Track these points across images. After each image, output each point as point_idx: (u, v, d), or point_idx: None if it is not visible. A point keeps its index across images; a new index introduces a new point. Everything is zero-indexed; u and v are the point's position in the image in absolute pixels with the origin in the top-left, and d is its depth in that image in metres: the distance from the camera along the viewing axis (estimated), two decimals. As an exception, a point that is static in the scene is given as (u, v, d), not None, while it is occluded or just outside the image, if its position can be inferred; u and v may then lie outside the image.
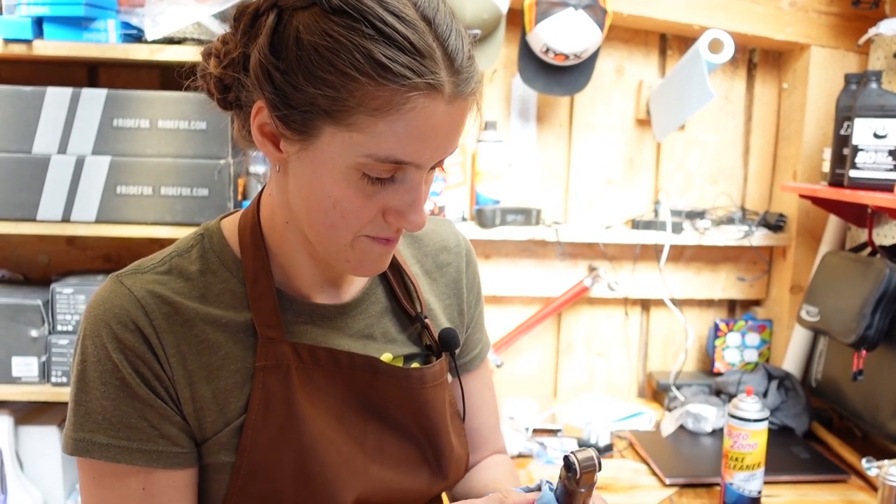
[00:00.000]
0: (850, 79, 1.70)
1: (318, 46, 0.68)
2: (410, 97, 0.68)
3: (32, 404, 1.81)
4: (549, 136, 2.06)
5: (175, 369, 0.78)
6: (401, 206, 0.75)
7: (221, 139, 1.64)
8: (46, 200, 1.62)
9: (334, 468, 0.83)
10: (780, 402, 1.84)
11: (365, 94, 0.68)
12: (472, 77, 0.73)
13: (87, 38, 1.60)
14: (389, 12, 0.68)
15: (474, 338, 1.05)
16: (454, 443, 0.93)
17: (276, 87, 0.71)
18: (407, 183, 0.75)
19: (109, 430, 0.77)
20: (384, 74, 0.68)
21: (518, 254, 2.05)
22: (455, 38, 0.71)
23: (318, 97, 0.69)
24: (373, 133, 0.70)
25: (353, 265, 0.80)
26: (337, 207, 0.74)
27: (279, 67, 0.70)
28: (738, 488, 1.43)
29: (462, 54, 0.72)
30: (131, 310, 0.77)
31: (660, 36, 2.04)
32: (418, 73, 0.68)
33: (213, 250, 0.84)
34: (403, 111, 0.69)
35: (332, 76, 0.68)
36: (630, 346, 2.14)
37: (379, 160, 0.71)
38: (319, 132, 0.71)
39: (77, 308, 1.67)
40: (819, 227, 1.97)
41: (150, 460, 0.78)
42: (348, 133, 0.70)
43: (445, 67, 0.70)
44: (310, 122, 0.71)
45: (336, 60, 0.68)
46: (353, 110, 0.69)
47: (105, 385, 0.77)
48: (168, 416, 0.78)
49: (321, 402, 0.83)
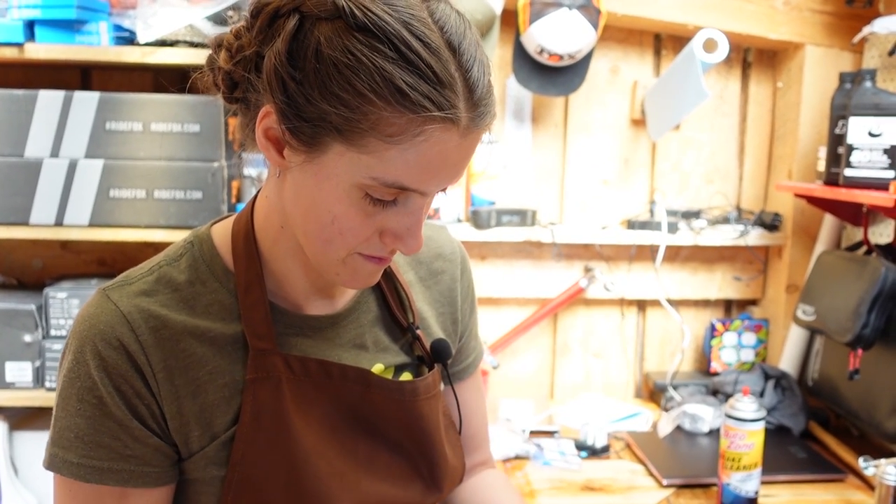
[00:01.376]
0: (845, 77, 1.70)
1: (338, 62, 0.66)
2: (426, 129, 0.67)
3: (27, 410, 1.80)
4: (544, 136, 2.05)
5: (162, 384, 0.77)
6: (399, 229, 0.74)
7: (215, 142, 1.63)
8: (39, 204, 1.62)
9: (326, 481, 0.82)
10: (777, 402, 1.83)
11: (380, 118, 0.66)
12: (489, 111, 0.71)
13: (79, 40, 1.59)
14: (415, 36, 0.66)
15: (469, 346, 1.04)
16: (448, 454, 0.92)
17: (289, 96, 0.69)
18: (409, 207, 0.73)
19: (81, 449, 0.76)
20: (402, 101, 0.66)
21: (514, 255, 2.04)
22: (478, 70, 0.69)
23: (332, 114, 0.67)
24: (382, 158, 0.68)
25: (342, 279, 0.79)
26: (335, 223, 0.73)
27: (295, 77, 0.68)
28: (735, 488, 1.43)
29: (482, 86, 0.70)
30: (116, 326, 0.76)
31: (654, 36, 2.04)
32: (437, 105, 0.66)
33: (202, 259, 0.83)
34: (416, 141, 0.67)
35: (348, 95, 0.66)
36: (626, 346, 2.14)
37: (384, 184, 0.69)
38: (327, 148, 0.70)
39: (71, 312, 1.66)
40: (814, 226, 1.97)
41: (121, 480, 0.77)
42: (357, 154, 0.69)
43: (465, 100, 0.68)
44: (319, 136, 0.69)
45: (355, 80, 0.66)
46: (365, 133, 0.67)
47: (81, 402, 0.76)
48: (142, 436, 0.77)
49: (313, 414, 0.82)
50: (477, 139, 0.72)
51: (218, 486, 0.80)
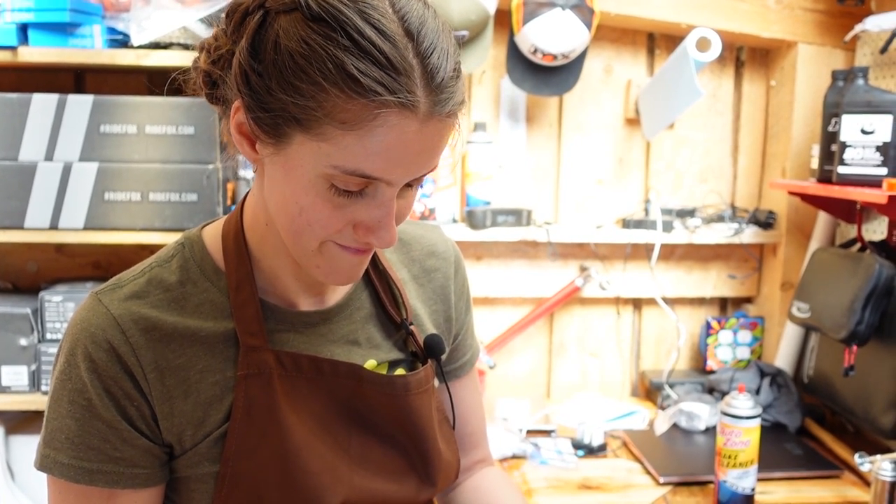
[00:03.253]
0: (837, 75, 1.71)
1: (294, 53, 0.67)
2: (380, 114, 0.67)
3: (23, 413, 1.79)
4: (539, 136, 2.06)
5: (153, 385, 0.78)
6: (370, 221, 0.74)
7: (210, 144, 1.63)
8: (34, 208, 1.61)
9: (319, 476, 0.82)
10: (773, 399, 1.84)
11: (334, 105, 0.67)
12: (452, 98, 0.71)
13: (73, 44, 1.59)
14: (369, 24, 0.67)
15: (465, 344, 1.04)
16: (443, 449, 0.92)
17: (252, 89, 0.70)
18: (378, 198, 0.73)
19: (70, 451, 0.77)
20: (354, 87, 0.66)
21: (509, 255, 2.05)
22: (438, 57, 0.69)
23: (290, 104, 0.68)
24: (340, 145, 0.68)
25: (323, 272, 0.78)
26: (303, 215, 0.73)
27: (256, 70, 0.70)
28: (732, 486, 1.43)
29: (443, 73, 0.69)
30: (107, 329, 0.77)
31: (647, 35, 2.05)
32: (390, 90, 0.66)
33: (193, 260, 0.84)
34: (372, 126, 0.67)
35: (303, 84, 0.67)
36: (622, 345, 2.14)
37: (346, 172, 0.69)
38: (290, 139, 0.70)
39: (66, 316, 1.66)
40: (808, 224, 1.98)
41: (110, 481, 0.78)
42: (317, 143, 0.69)
43: (423, 86, 0.68)
44: (281, 127, 0.70)
45: (308, 69, 0.67)
46: (321, 121, 0.68)
47: (72, 404, 0.77)
48: (131, 438, 0.78)
49: (305, 409, 0.83)
50: (441, 126, 0.72)
51: (211, 482, 0.80)
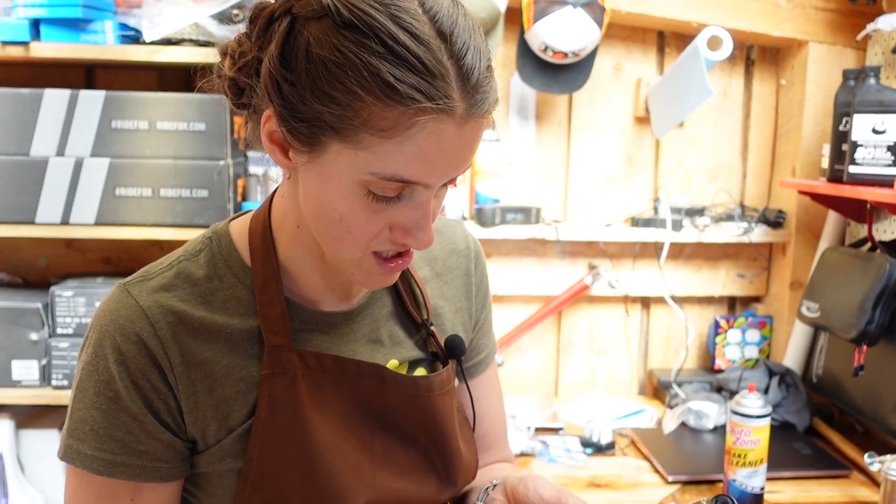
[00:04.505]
0: (849, 75, 1.70)
1: (327, 61, 0.66)
2: (418, 120, 0.66)
3: (33, 408, 1.80)
4: (548, 134, 2.06)
5: (179, 378, 0.78)
6: (408, 223, 0.74)
7: (220, 140, 1.63)
8: (45, 203, 1.62)
9: (342, 475, 0.82)
10: (781, 399, 1.84)
11: (371, 113, 0.66)
12: (487, 98, 0.70)
13: (85, 39, 1.59)
14: (402, 28, 0.66)
15: (481, 342, 1.03)
16: (463, 450, 0.93)
17: (284, 98, 0.69)
18: (415, 201, 0.73)
19: (94, 442, 0.77)
20: (391, 95, 0.65)
21: (518, 252, 2.05)
22: (472, 56, 0.68)
23: (325, 113, 0.67)
24: (378, 152, 0.68)
25: (358, 279, 0.79)
26: (343, 221, 0.73)
27: (288, 79, 0.68)
28: (741, 485, 1.43)
29: (478, 73, 0.69)
30: (136, 321, 0.77)
31: (658, 33, 2.04)
32: (427, 96, 0.66)
33: (221, 255, 0.84)
34: (410, 133, 0.67)
35: (338, 93, 0.66)
36: (631, 343, 2.14)
37: (384, 178, 0.69)
38: (326, 147, 0.70)
39: (77, 311, 1.67)
40: (818, 223, 1.97)
41: (132, 474, 0.78)
42: (354, 151, 0.68)
43: (458, 88, 0.67)
44: (316, 136, 0.69)
45: (343, 77, 0.66)
46: (358, 129, 0.67)
47: (98, 395, 0.77)
48: (155, 432, 0.78)
49: (328, 409, 0.83)
50: (478, 127, 0.71)
51: (233, 478, 0.81)
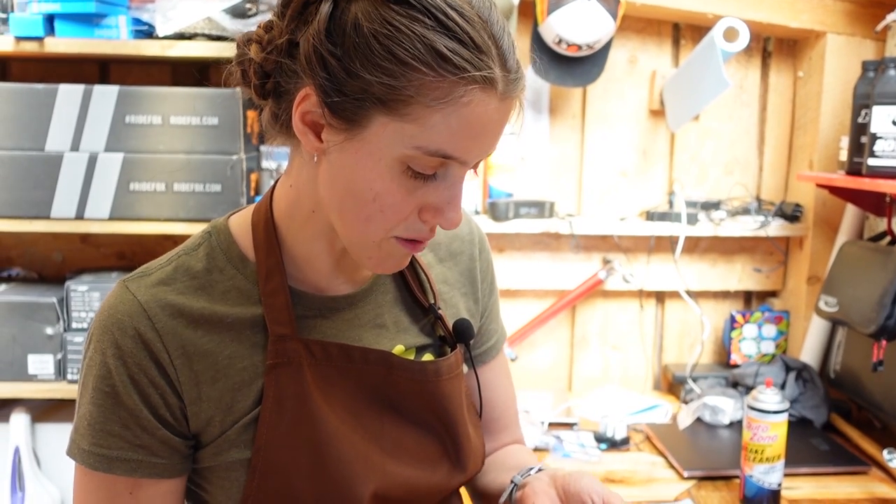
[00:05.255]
0: (868, 66, 1.68)
1: (378, 34, 0.68)
2: (468, 90, 0.69)
3: (49, 402, 1.81)
4: (562, 128, 2.04)
5: (180, 371, 0.79)
6: (440, 202, 0.75)
7: (234, 134, 1.63)
8: (60, 198, 1.63)
9: (350, 464, 0.82)
10: (799, 394, 1.82)
11: (423, 84, 0.68)
12: (521, 77, 0.74)
13: (99, 34, 1.60)
14: (450, 6, 0.69)
15: (489, 328, 1.03)
16: (471, 434, 0.93)
17: (330, 73, 0.70)
18: (448, 180, 0.75)
19: (91, 437, 0.78)
20: (444, 66, 0.68)
21: (532, 247, 2.04)
22: (507, 41, 0.72)
23: (375, 84, 0.69)
24: (427, 125, 0.70)
25: (374, 263, 0.80)
26: (377, 201, 0.74)
27: (335, 53, 0.70)
28: (759, 481, 1.42)
29: (513, 55, 0.73)
30: (134, 316, 0.78)
31: (673, 25, 2.02)
32: (477, 67, 0.69)
33: (220, 248, 0.85)
34: (460, 104, 0.69)
35: (391, 64, 0.68)
36: (645, 338, 2.13)
37: (428, 153, 0.71)
38: (370, 121, 0.71)
39: (92, 305, 1.67)
40: (836, 217, 1.95)
41: (129, 469, 0.79)
42: (401, 123, 0.70)
43: (499, 65, 0.71)
44: (362, 110, 0.71)
45: (396, 49, 0.68)
46: (409, 100, 0.69)
47: (95, 391, 0.78)
48: (151, 427, 0.79)
49: (335, 397, 0.83)
50: (512, 106, 0.74)
51: (241, 470, 0.81)
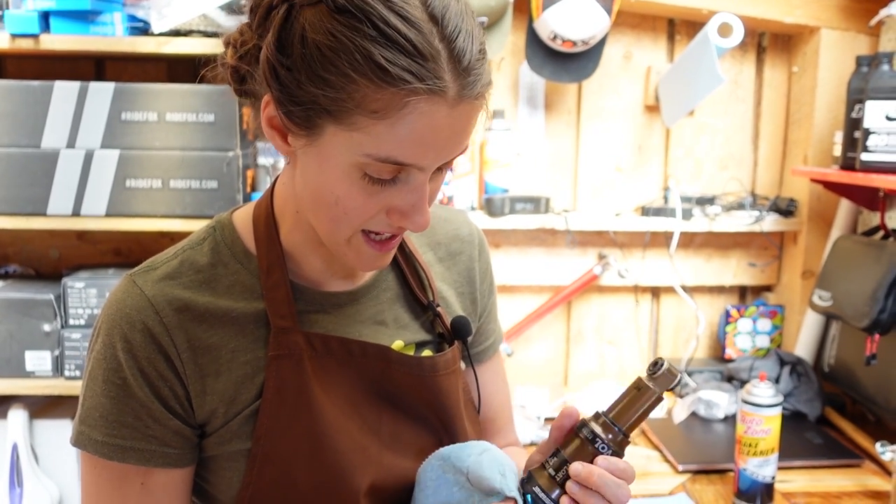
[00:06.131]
0: (862, 61, 1.68)
1: (321, 45, 0.68)
2: (410, 101, 0.68)
3: (46, 398, 1.82)
4: (558, 123, 2.05)
5: (187, 364, 0.80)
6: (404, 206, 0.75)
7: (230, 131, 1.64)
8: (56, 195, 1.63)
9: (348, 455, 0.84)
10: (793, 388, 1.83)
11: (364, 95, 0.68)
12: (480, 80, 0.71)
13: (94, 31, 1.60)
14: (394, 13, 0.67)
15: (487, 328, 1.05)
16: (469, 430, 0.94)
17: (281, 83, 0.71)
18: (410, 183, 0.74)
19: (105, 428, 0.79)
20: (383, 76, 0.67)
21: (527, 242, 2.04)
22: (464, 39, 0.70)
23: (320, 96, 0.69)
24: (372, 134, 0.69)
25: (351, 259, 0.81)
26: (339, 204, 0.75)
27: (284, 64, 0.70)
28: (752, 474, 1.43)
29: (469, 55, 0.70)
30: (142, 310, 0.79)
31: (668, 21, 2.03)
32: (419, 77, 0.67)
33: (224, 242, 0.86)
34: (402, 114, 0.68)
35: (332, 76, 0.68)
36: (641, 333, 2.14)
37: (379, 160, 0.71)
38: (322, 130, 0.72)
39: (89, 302, 1.68)
40: (830, 212, 1.96)
41: (142, 459, 0.80)
42: (349, 133, 0.70)
43: (450, 70, 0.69)
44: (312, 119, 0.71)
45: (337, 61, 0.68)
46: (352, 111, 0.69)
47: (107, 383, 0.80)
48: (163, 418, 0.80)
49: (335, 390, 0.84)
50: (470, 109, 0.72)
51: (241, 460, 0.82)
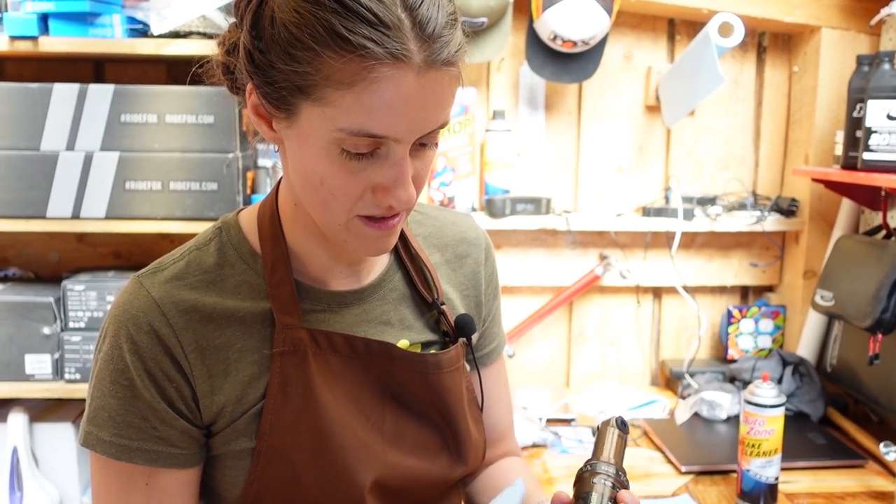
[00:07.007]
0: (863, 60, 1.68)
1: (288, 23, 0.69)
2: (373, 66, 0.68)
3: (46, 401, 1.81)
4: (558, 124, 2.04)
5: (194, 365, 0.81)
6: (386, 181, 0.74)
7: (229, 133, 1.63)
8: (56, 198, 1.62)
9: (352, 452, 0.84)
10: (795, 388, 1.82)
11: (329, 67, 0.68)
12: (447, 46, 0.71)
13: (93, 33, 1.59)
14: None
15: (491, 332, 1.05)
16: (472, 429, 0.94)
17: (257, 67, 0.72)
18: (390, 158, 0.73)
19: (112, 428, 0.80)
20: (344, 46, 0.67)
21: (528, 243, 2.04)
22: (428, 8, 0.70)
23: (291, 74, 0.70)
24: (342, 107, 0.70)
25: (352, 246, 0.80)
26: (324, 184, 0.74)
27: (258, 47, 0.72)
28: (755, 475, 1.42)
29: (435, 22, 0.70)
30: (149, 312, 0.80)
31: (668, 21, 2.02)
32: (380, 44, 0.67)
33: (230, 243, 0.86)
34: (367, 82, 0.68)
35: (299, 52, 0.69)
36: (642, 334, 2.13)
37: (352, 134, 0.70)
38: (298, 109, 0.72)
39: (88, 304, 1.67)
40: (832, 211, 1.95)
41: (149, 459, 0.80)
42: (320, 108, 0.71)
43: (414, 38, 0.69)
44: (287, 99, 0.72)
45: (301, 36, 0.69)
46: (321, 85, 0.69)
47: (114, 384, 0.80)
48: (169, 419, 0.81)
49: (339, 387, 0.84)
50: (443, 77, 0.72)
51: (247, 459, 0.83)
